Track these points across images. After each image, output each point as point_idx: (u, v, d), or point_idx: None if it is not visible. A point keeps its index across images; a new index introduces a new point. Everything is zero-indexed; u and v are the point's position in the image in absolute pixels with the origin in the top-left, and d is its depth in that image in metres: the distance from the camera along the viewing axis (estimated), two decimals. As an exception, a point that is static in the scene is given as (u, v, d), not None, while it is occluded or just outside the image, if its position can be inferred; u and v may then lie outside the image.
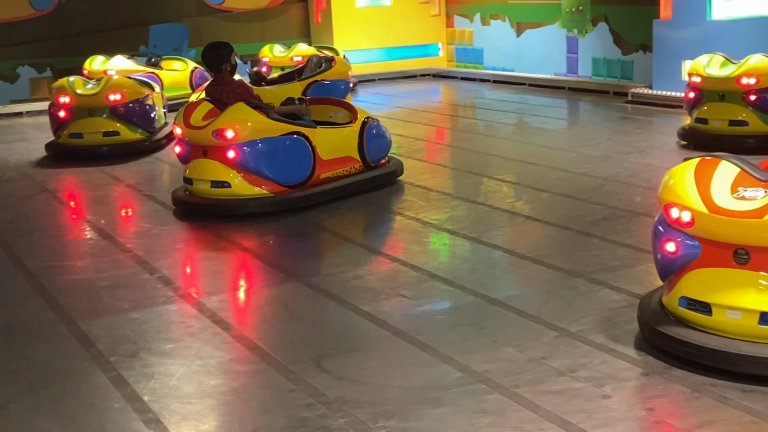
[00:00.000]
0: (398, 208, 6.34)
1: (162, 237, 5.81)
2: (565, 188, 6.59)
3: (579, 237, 5.41)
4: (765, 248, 3.38)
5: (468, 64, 14.28)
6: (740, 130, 7.51)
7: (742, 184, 3.55)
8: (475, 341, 3.87)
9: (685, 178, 3.64)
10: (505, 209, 6.14)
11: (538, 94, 11.86)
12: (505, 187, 6.90)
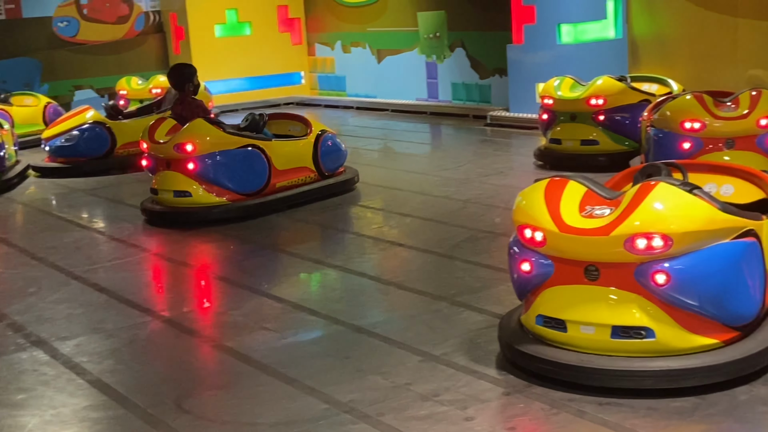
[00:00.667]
0: (264, 240, 6.26)
1: (12, 281, 5.54)
2: (428, 212, 6.68)
3: (442, 260, 5.48)
4: (613, 264, 3.49)
5: (331, 91, 14.35)
6: (592, 149, 7.80)
7: (589, 202, 3.67)
8: (340, 371, 3.85)
9: (535, 198, 3.73)
10: (371, 236, 6.16)
11: (401, 119, 12.03)
12: (369, 213, 6.94)
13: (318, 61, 14.57)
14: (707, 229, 3.42)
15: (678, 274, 3.38)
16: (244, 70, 14.17)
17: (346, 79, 14.04)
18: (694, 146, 6.05)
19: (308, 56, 14.70)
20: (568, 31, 9.95)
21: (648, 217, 3.40)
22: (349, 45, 13.90)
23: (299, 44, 14.65)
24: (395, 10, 12.96)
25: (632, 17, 10.01)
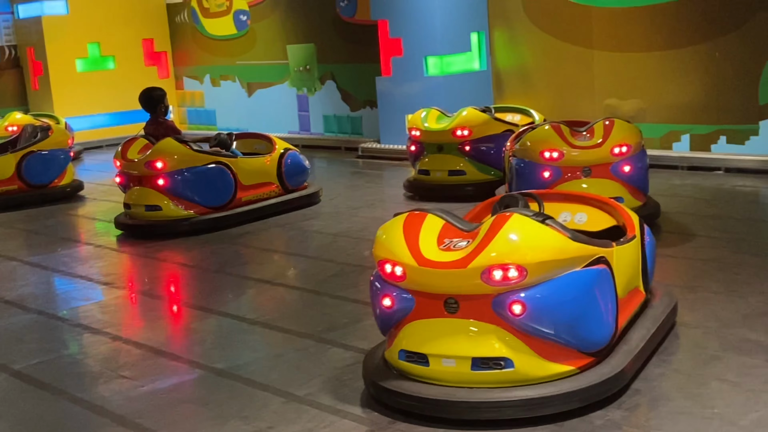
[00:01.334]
0: (124, 282, 6.04)
1: None
2: (297, 248, 6.62)
3: (310, 296, 5.42)
4: (471, 296, 3.51)
5: (200, 125, 14.12)
6: (459, 179, 7.92)
7: (447, 235, 3.69)
8: (199, 418, 3.72)
9: (395, 233, 3.71)
10: (238, 274, 6.03)
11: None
12: (236, 249, 6.80)
13: (186, 94, 14.34)
14: (560, 258, 3.48)
15: (533, 303, 3.43)
16: (109, 105, 13.78)
17: (216, 112, 13.86)
18: (553, 175, 6.20)
19: (176, 90, 14.44)
20: (435, 63, 10.11)
21: (503, 248, 3.43)
22: (218, 78, 13.74)
23: (166, 78, 14.38)
24: (264, 44, 12.90)
25: (495, 50, 10.27)
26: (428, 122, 8.11)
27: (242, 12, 13.11)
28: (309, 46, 12.21)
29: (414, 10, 10.06)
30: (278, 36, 12.65)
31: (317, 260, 6.22)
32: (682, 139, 8.75)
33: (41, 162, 9.05)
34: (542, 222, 3.55)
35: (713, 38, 8.40)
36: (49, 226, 8.14)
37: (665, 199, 6.87)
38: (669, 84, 8.78)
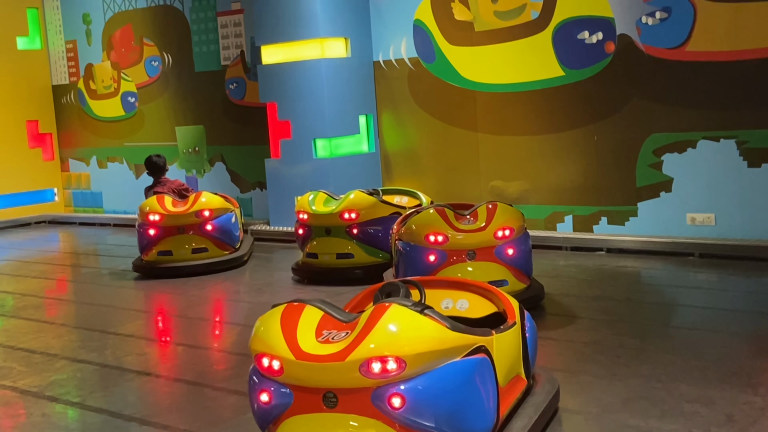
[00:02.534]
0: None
1: None
2: (182, 336, 6.42)
3: (193, 389, 5.24)
4: (350, 389, 3.44)
5: (87, 208, 13.79)
6: (348, 263, 7.90)
7: (326, 327, 3.64)
8: None
9: (272, 326, 3.65)
10: (116, 366, 5.80)
11: (161, 236, 11.66)
12: (118, 340, 6.56)
13: (72, 176, 14.00)
14: (439, 349, 3.47)
15: (413, 395, 3.39)
16: (-10, 188, 13.35)
17: (103, 195, 13.56)
18: (439, 258, 6.25)
19: (62, 172, 14.09)
20: (324, 145, 10.18)
21: (381, 339, 3.39)
22: (105, 160, 13.48)
23: (51, 160, 14.04)
24: (153, 125, 12.77)
25: (383, 132, 10.43)
26: (316, 205, 8.10)
27: (130, 93, 12.98)
28: (198, 127, 12.14)
29: (302, 93, 10.15)
30: (167, 117, 12.55)
31: (201, 350, 6.05)
32: (565, 220, 9.00)
33: None
34: (421, 312, 3.54)
35: (592, 122, 8.73)
36: None
37: (549, 281, 7.00)
38: (552, 166, 9.06)
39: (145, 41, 12.66)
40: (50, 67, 14.01)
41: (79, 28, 13.49)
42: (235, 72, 11.60)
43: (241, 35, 11.47)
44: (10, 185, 13.58)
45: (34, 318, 7.45)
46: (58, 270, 10.11)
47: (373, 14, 10.29)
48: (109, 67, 13.18)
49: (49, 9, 13.86)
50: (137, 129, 13.00)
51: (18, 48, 13.71)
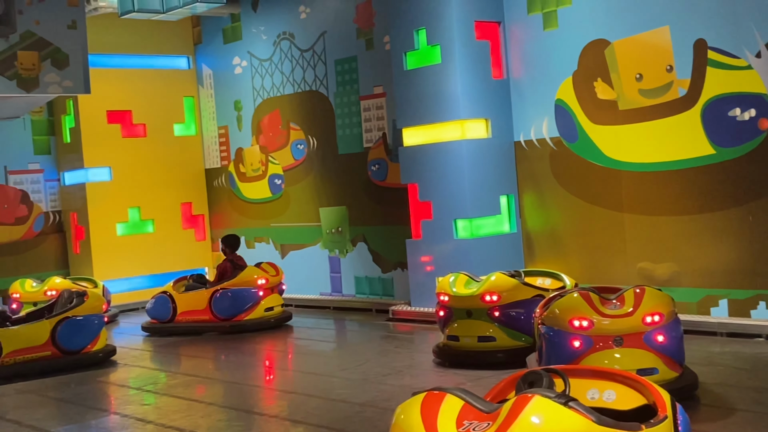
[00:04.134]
0: (146, 455, 5.92)
1: None
2: (321, 418, 6.46)
3: (333, 473, 5.24)
4: (491, 483, 3.36)
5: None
6: (489, 346, 7.78)
7: (467, 417, 3.58)
8: None
9: (412, 414, 3.62)
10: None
11: (305, 314, 11.92)
12: (262, 421, 6.66)
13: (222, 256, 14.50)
14: (584, 444, 3.34)
15: (557, 494, 3.26)
16: (147, 267, 14.01)
17: (250, 274, 13.97)
18: (584, 344, 6.06)
19: (212, 252, 14.66)
20: (464, 226, 10.18)
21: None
22: (252, 240, 13.94)
23: (203, 240, 14.64)
24: (298, 206, 13.15)
25: (525, 212, 10.34)
26: (456, 287, 8.07)
27: (277, 176, 13.44)
28: (341, 208, 12.41)
29: (443, 175, 10.24)
30: (311, 199, 12.90)
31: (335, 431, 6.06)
32: (719, 304, 8.58)
33: (75, 328, 9.10)
34: (565, 404, 3.43)
35: (746, 202, 8.37)
36: (79, 394, 8.10)
37: (703, 369, 6.67)
38: (703, 247, 8.70)
39: (291, 125, 13.14)
40: (203, 151, 14.73)
41: (231, 114, 14.16)
42: (377, 154, 11.85)
43: (383, 118, 11.74)
44: (166, 265, 14.22)
45: (185, 396, 7.68)
46: (208, 349, 10.43)
47: (514, 95, 10.33)
48: (258, 150, 13.73)
49: (204, 97, 14.64)
50: (283, 210, 13.41)
51: (175, 134, 14.49)
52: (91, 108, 13.55)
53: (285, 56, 13.10)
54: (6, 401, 7.97)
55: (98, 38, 12.99)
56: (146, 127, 14.18)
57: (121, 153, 13.88)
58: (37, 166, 13.95)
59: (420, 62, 10.42)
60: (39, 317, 9.28)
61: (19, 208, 13.69)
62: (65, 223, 14.08)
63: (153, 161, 14.17)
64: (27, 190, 13.82)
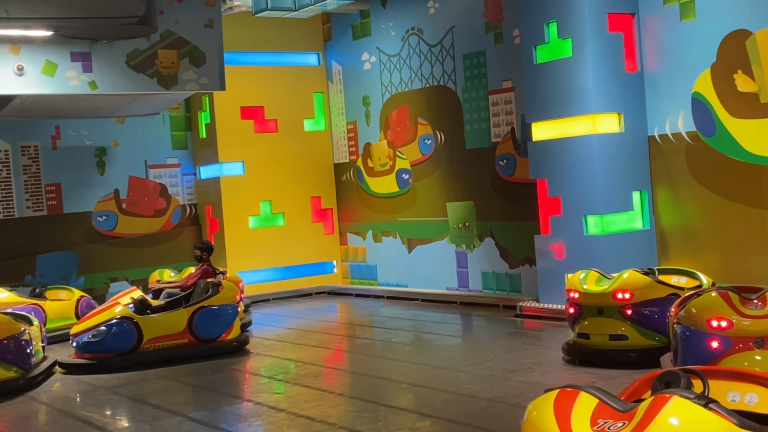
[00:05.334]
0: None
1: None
2: (449, 412, 6.48)
3: (462, 467, 5.25)
4: (626, 483, 3.30)
5: (362, 280, 14.43)
6: (621, 345, 7.61)
7: (601, 415, 3.52)
8: None
9: (545, 411, 3.59)
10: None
11: (431, 309, 11.97)
12: (391, 413, 6.74)
13: (350, 250, 14.76)
14: (726, 448, 3.24)
15: (698, 498, 3.17)
16: (277, 259, 14.38)
17: (377, 268, 14.14)
18: (722, 346, 5.86)
19: (340, 245, 14.91)
20: (595, 222, 9.99)
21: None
22: (380, 234, 14.09)
23: (331, 234, 14.91)
24: (425, 201, 13.20)
25: (659, 208, 10.05)
26: (587, 284, 7.93)
27: (405, 171, 13.54)
28: (468, 203, 12.39)
29: (573, 170, 10.07)
30: (438, 193, 12.93)
31: (470, 428, 6.06)
32: None
33: (211, 317, 9.44)
34: (705, 405, 3.33)
35: None
36: (215, 381, 8.40)
37: None
38: None
39: (419, 120, 13.20)
40: (332, 146, 14.98)
41: (359, 109, 14.35)
42: (506, 149, 11.76)
43: (512, 112, 11.64)
44: (296, 257, 14.56)
45: (314, 386, 7.86)
46: (335, 340, 10.62)
47: (648, 88, 10.05)
48: (386, 145, 13.86)
49: (333, 93, 14.89)
50: (410, 205, 13.49)
51: (305, 130, 14.80)
52: (225, 104, 14.00)
53: (413, 51, 13.17)
54: (147, 386, 8.35)
55: (233, 36, 13.39)
56: (278, 122, 14.54)
57: (254, 148, 14.28)
58: (175, 160, 14.51)
59: (550, 56, 10.28)
60: (177, 306, 9.66)
61: (158, 201, 14.28)
62: (201, 216, 14.60)
63: (284, 156, 14.52)
64: (165, 183, 14.40)
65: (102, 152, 13.81)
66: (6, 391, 8.09)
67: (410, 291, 13.11)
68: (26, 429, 7.06)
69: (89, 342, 9.09)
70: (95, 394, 8.13)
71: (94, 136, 13.73)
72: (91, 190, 13.67)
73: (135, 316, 9.24)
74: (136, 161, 14.09)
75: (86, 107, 12.48)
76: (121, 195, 13.94)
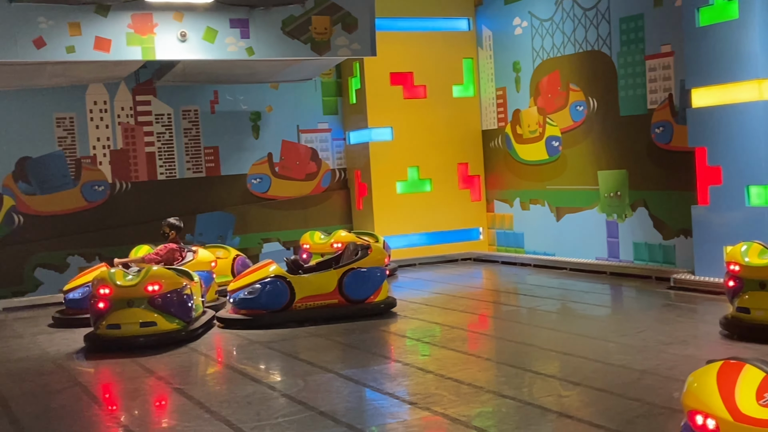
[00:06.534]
0: (427, 402, 6.16)
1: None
2: (600, 382, 6.39)
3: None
4: (797, 461, 3.18)
5: (509, 248, 14.35)
6: (785, 323, 7.29)
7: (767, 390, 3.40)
8: None
9: (707, 382, 3.50)
10: (538, 405, 5.94)
11: (579, 278, 11.79)
12: (539, 380, 6.71)
13: (497, 217, 14.68)
14: None
15: None
16: (423, 225, 14.49)
17: (524, 235, 14.01)
18: None
19: (487, 212, 14.85)
20: (758, 192, 9.53)
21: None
22: (527, 202, 13.95)
23: (478, 201, 14.86)
24: (575, 169, 12.95)
25: (828, 179, 9.49)
26: (749, 257, 7.61)
27: (555, 138, 13.31)
28: (621, 172, 12.06)
29: (736, 138, 9.63)
30: (589, 162, 12.65)
31: (622, 398, 5.96)
32: None
33: (360, 279, 9.64)
34: None
35: None
36: (363, 341, 8.58)
37: None
38: None
39: (571, 86, 12.92)
40: (481, 113, 14.88)
41: (509, 75, 14.17)
42: (662, 116, 11.36)
43: (670, 78, 11.22)
44: (443, 223, 14.63)
45: (461, 350, 7.91)
46: (481, 306, 10.63)
47: (821, 51, 9.46)
48: (536, 112, 13.65)
49: (483, 58, 14.77)
50: (559, 173, 13.27)
51: (453, 96, 14.76)
52: (375, 70, 14.13)
53: (567, 16, 12.87)
54: (299, 342, 8.63)
55: (384, 2, 13.47)
56: (426, 88, 14.56)
57: (403, 114, 14.37)
58: (325, 125, 14.79)
59: (714, 18, 9.82)
60: (327, 267, 9.91)
61: (309, 165, 14.62)
62: (349, 180, 14.85)
63: (432, 122, 14.55)
64: (316, 148, 14.71)
65: (257, 117, 14.24)
66: (169, 342, 8.56)
67: (557, 260, 12.94)
68: (187, 378, 7.44)
69: (245, 298, 9.47)
70: (250, 348, 8.47)
71: (249, 100, 14.17)
72: (246, 153, 14.14)
73: (288, 276, 9.54)
74: (288, 126, 14.46)
75: (243, 73, 12.87)
76: (274, 158, 14.35)
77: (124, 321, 8.51)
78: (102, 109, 13.15)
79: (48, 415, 6.43)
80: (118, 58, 10.81)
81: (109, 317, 8.54)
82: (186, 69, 12.26)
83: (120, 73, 12.33)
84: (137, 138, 13.39)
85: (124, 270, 9.00)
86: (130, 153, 13.35)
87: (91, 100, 13.09)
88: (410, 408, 6.09)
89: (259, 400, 6.43)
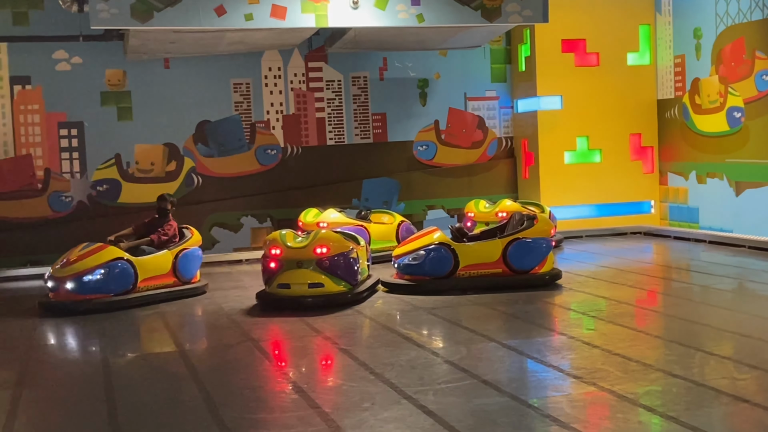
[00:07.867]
0: (593, 377, 6.03)
1: (351, 394, 5.83)
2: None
3: (793, 425, 4.90)
4: None
5: (682, 222, 13.78)
6: None
7: None
8: None
9: None
10: (710, 386, 5.69)
11: (760, 257, 11.18)
12: (712, 361, 6.43)
13: (670, 190, 14.12)
14: None
15: None
16: (591, 196, 14.14)
17: (700, 210, 13.41)
18: None
19: (659, 185, 14.30)
20: None
21: None
22: (704, 175, 13.33)
23: (650, 173, 14.34)
24: (759, 142, 12.25)
25: None
26: None
27: (737, 109, 12.62)
28: (810, 146, 11.31)
29: None
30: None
31: (805, 385, 5.62)
32: None
33: (525, 249, 9.52)
34: None
35: None
36: (527, 312, 8.49)
37: None
38: None
39: (757, 54, 12.19)
40: (657, 81, 14.30)
41: (689, 42, 13.52)
42: None
43: None
44: (612, 195, 14.22)
45: (629, 326, 7.67)
46: (650, 281, 10.28)
47: None
48: (717, 81, 12.98)
49: (661, 25, 14.15)
50: (741, 145, 12.59)
51: (627, 64, 14.25)
52: (546, 37, 13.82)
53: (754, -22, 12.12)
54: (462, 310, 8.64)
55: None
56: (599, 56, 14.13)
57: (573, 82, 14.01)
58: (493, 93, 14.64)
59: None
60: (491, 236, 9.84)
61: (475, 133, 14.54)
62: (516, 149, 14.66)
63: (603, 91, 14.12)
64: (483, 116, 14.59)
65: (425, 84, 14.26)
66: (335, 304, 8.78)
67: (736, 237, 12.31)
68: (352, 339, 7.61)
69: (409, 264, 9.56)
70: (414, 313, 8.56)
71: (418, 67, 14.20)
72: (413, 120, 14.20)
73: (452, 243, 9.55)
74: (456, 93, 14.40)
75: (412, 39, 12.90)
76: (440, 126, 14.35)
77: (293, 281, 8.79)
78: (276, 75, 13.54)
79: (225, 367, 6.74)
80: (292, 25, 11.07)
81: (280, 277, 8.84)
82: (357, 36, 12.41)
83: (294, 40, 12.63)
84: (308, 103, 13.71)
85: (295, 232, 9.26)
86: (302, 118, 13.70)
87: (266, 67, 13.50)
88: (575, 382, 5.98)
89: (422, 365, 6.48)
